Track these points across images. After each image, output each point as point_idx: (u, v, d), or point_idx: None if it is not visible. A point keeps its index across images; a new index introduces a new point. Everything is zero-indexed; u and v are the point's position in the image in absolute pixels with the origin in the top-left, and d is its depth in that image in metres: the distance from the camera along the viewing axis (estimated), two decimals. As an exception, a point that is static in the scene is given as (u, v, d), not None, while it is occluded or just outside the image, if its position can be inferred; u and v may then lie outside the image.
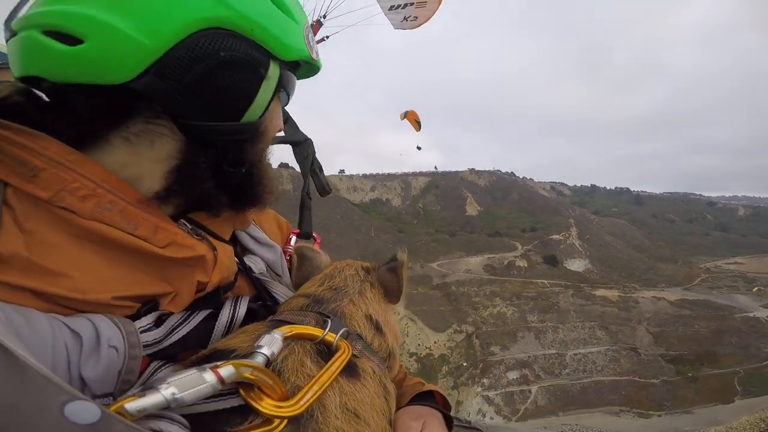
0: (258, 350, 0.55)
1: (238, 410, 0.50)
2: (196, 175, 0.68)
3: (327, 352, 0.64)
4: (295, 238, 1.08)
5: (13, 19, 0.61)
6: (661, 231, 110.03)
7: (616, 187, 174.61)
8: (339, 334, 0.65)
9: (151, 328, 0.62)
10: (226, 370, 0.47)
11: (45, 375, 0.32)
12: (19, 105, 0.62)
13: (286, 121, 1.22)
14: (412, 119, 22.86)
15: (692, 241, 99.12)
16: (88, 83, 0.57)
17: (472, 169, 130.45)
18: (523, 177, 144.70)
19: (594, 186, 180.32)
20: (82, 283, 0.56)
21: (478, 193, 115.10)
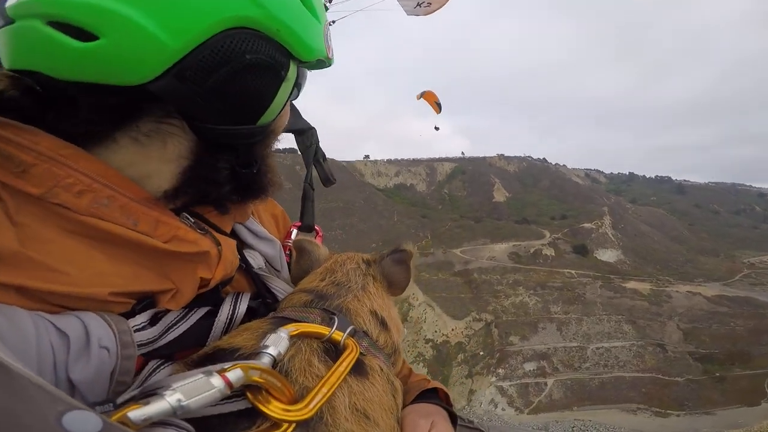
0: (264, 350, 0.53)
1: (245, 413, 0.48)
2: (209, 176, 0.67)
3: (334, 351, 0.62)
4: (296, 231, 1.05)
5: (7, 3, 0.54)
6: (704, 222, 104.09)
7: (657, 176, 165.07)
8: (346, 333, 0.64)
9: (145, 327, 0.60)
10: (234, 374, 0.45)
11: (38, 383, 0.29)
12: (14, 100, 0.57)
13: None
14: (431, 100, 22.12)
15: (738, 234, 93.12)
16: (98, 83, 0.53)
17: (501, 155, 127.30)
18: (556, 163, 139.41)
19: (632, 174, 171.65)
20: (78, 279, 0.52)
21: (506, 179, 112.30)
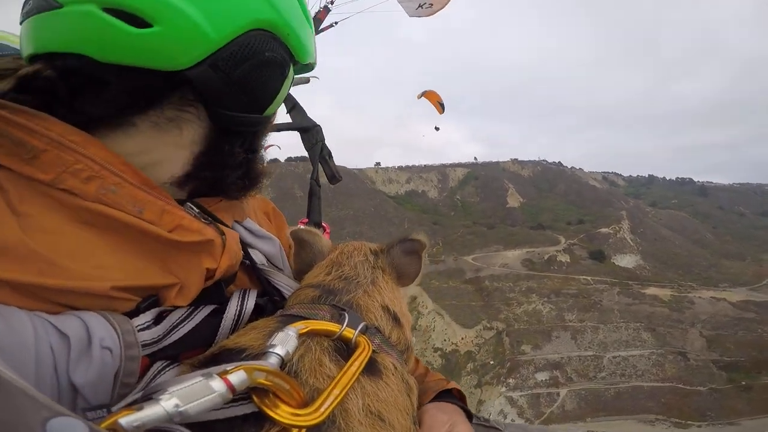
0: (271, 350, 0.51)
1: (252, 418, 0.45)
2: (222, 161, 0.73)
3: (345, 350, 0.60)
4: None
5: None
6: (729, 225, 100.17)
7: (678, 178, 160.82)
8: (358, 329, 0.62)
9: (149, 326, 0.58)
10: (237, 377, 0.42)
11: (22, 388, 0.28)
12: (50, 80, 0.60)
13: (294, 108, 1.18)
14: (434, 101, 21.57)
15: (765, 237, 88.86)
16: (140, 66, 0.58)
17: (515, 159, 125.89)
18: (572, 167, 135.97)
19: (652, 176, 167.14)
20: (76, 272, 0.52)
21: (521, 184, 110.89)
